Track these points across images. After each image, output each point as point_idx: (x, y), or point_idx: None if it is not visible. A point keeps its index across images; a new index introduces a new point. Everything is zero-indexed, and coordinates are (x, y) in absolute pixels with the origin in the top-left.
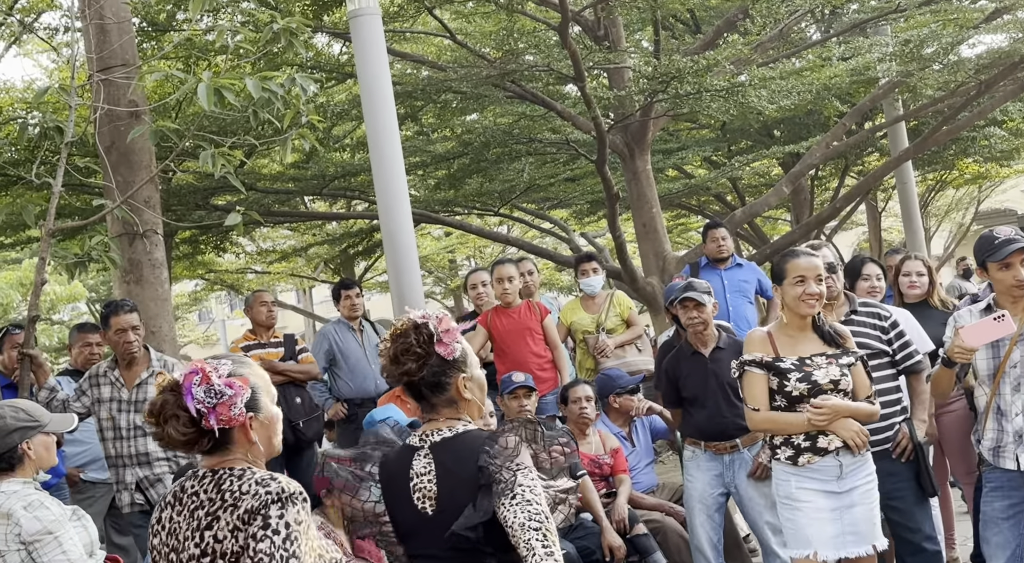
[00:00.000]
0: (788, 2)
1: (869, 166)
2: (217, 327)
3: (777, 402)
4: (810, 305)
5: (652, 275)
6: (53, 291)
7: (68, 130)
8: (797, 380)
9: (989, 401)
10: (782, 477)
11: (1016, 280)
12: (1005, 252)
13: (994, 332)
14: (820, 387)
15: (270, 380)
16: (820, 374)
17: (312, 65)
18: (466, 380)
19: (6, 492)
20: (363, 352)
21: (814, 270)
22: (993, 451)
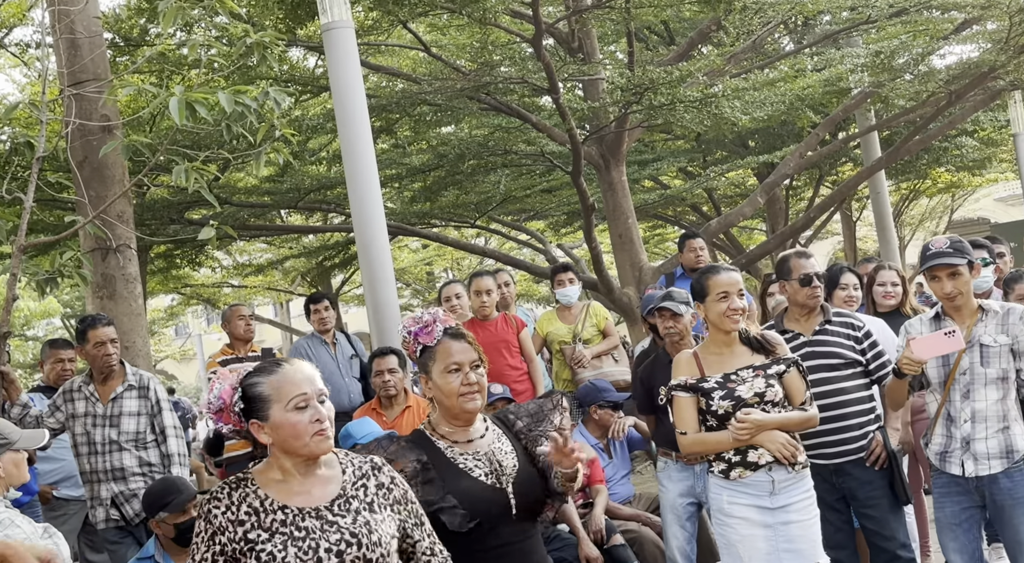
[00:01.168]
0: (761, 14)
1: (843, 176)
2: (194, 341)
3: (709, 422)
4: (734, 321)
5: (628, 286)
6: (27, 307)
7: (39, 145)
8: (721, 398)
9: (939, 407)
10: (715, 491)
11: (942, 292)
12: (928, 265)
13: (943, 347)
14: (744, 402)
15: (299, 384)
16: (744, 389)
17: (286, 78)
18: (425, 379)
19: None
20: (336, 366)
21: (736, 285)
22: (940, 456)
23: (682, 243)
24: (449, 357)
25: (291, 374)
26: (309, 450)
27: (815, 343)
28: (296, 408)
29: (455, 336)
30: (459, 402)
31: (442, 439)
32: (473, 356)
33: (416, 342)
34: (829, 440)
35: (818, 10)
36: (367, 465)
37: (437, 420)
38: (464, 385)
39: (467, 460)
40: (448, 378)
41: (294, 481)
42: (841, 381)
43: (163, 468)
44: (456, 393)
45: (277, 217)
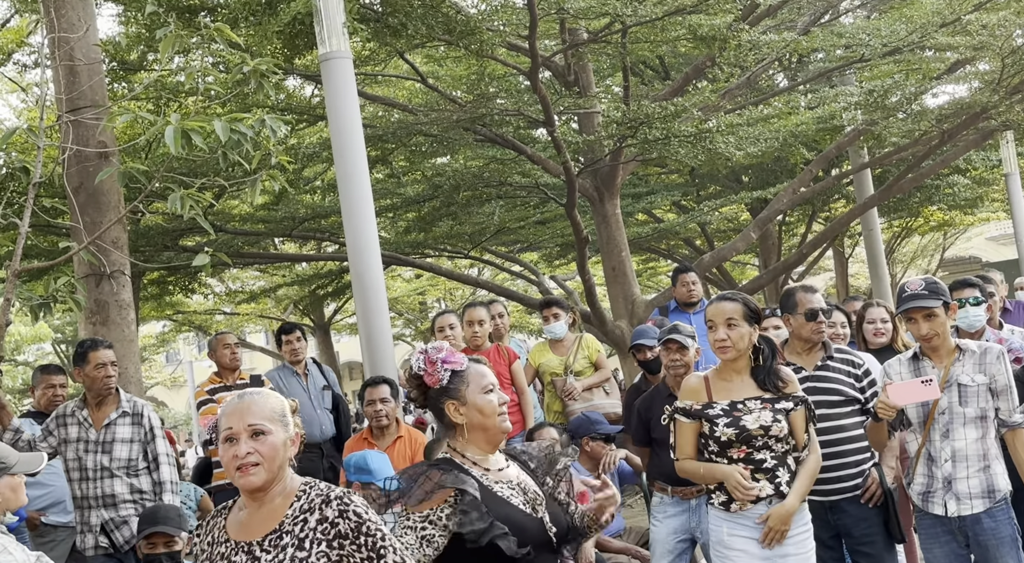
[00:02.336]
0: (755, 51)
1: (836, 212)
2: (184, 368)
3: (711, 448)
4: (722, 351)
5: (621, 318)
6: (18, 332)
7: (35, 171)
8: (726, 425)
9: (920, 447)
10: (715, 523)
11: (918, 334)
12: (904, 307)
13: (920, 394)
14: (749, 432)
15: (226, 419)
16: (749, 419)
17: (283, 107)
18: (456, 405)
19: None
20: (308, 397)
21: (721, 315)
22: (922, 496)
23: (675, 277)
24: (484, 378)
25: (231, 406)
26: (236, 485)
27: (816, 378)
28: (225, 440)
29: (478, 361)
30: (499, 420)
31: (474, 467)
32: (495, 378)
33: (443, 368)
34: (826, 476)
35: (812, 48)
36: (319, 498)
37: (464, 447)
38: (501, 404)
39: (503, 488)
40: (487, 397)
41: (244, 514)
42: (840, 418)
43: (154, 496)
44: (496, 412)
45: (271, 245)
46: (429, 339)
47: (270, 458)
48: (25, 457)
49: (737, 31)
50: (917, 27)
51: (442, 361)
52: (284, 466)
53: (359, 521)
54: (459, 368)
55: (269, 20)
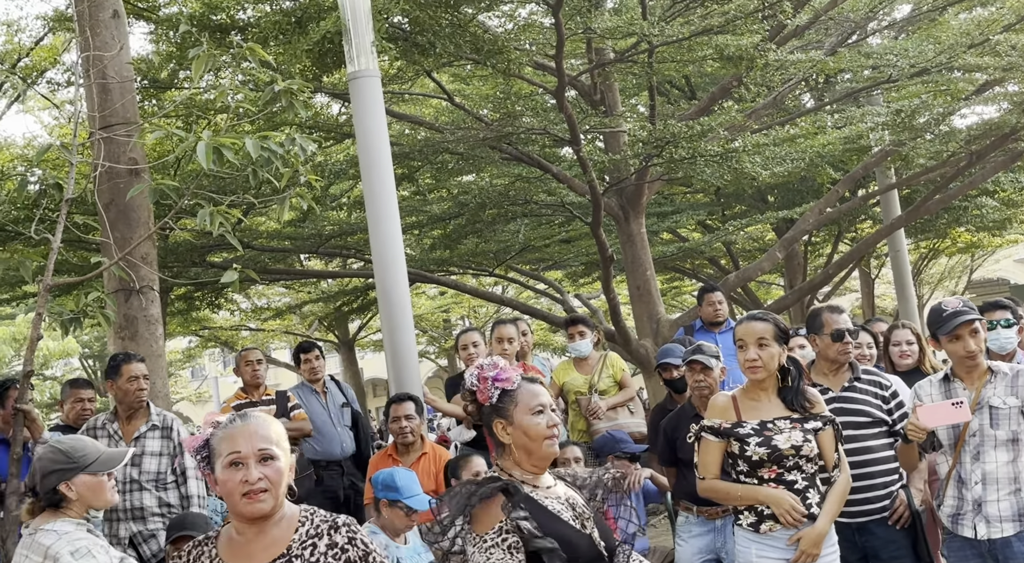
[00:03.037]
0: (782, 71)
1: (862, 233)
2: (210, 384)
3: (740, 467)
4: (752, 371)
5: (646, 337)
6: (46, 347)
7: (68, 187)
8: (757, 445)
9: (950, 469)
10: (743, 544)
11: (966, 351)
12: (952, 325)
13: (950, 417)
14: (780, 452)
15: (235, 443)
16: (781, 439)
17: (311, 125)
18: (504, 425)
19: (58, 532)
20: (327, 415)
21: (752, 335)
22: (952, 519)
23: (701, 296)
24: (535, 398)
25: (236, 429)
26: (239, 511)
27: (843, 399)
28: (230, 465)
29: (532, 380)
30: (545, 445)
31: (523, 485)
32: (551, 399)
33: (494, 386)
34: (853, 498)
35: (839, 69)
36: (326, 524)
37: (509, 467)
38: (550, 426)
39: (553, 503)
40: (535, 420)
41: (242, 541)
42: (867, 439)
43: (182, 509)
44: (543, 435)
45: (297, 261)
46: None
47: (277, 484)
48: (106, 455)
49: (764, 51)
50: (945, 48)
51: (493, 379)
52: (285, 491)
53: (366, 550)
54: (510, 387)
55: (299, 39)
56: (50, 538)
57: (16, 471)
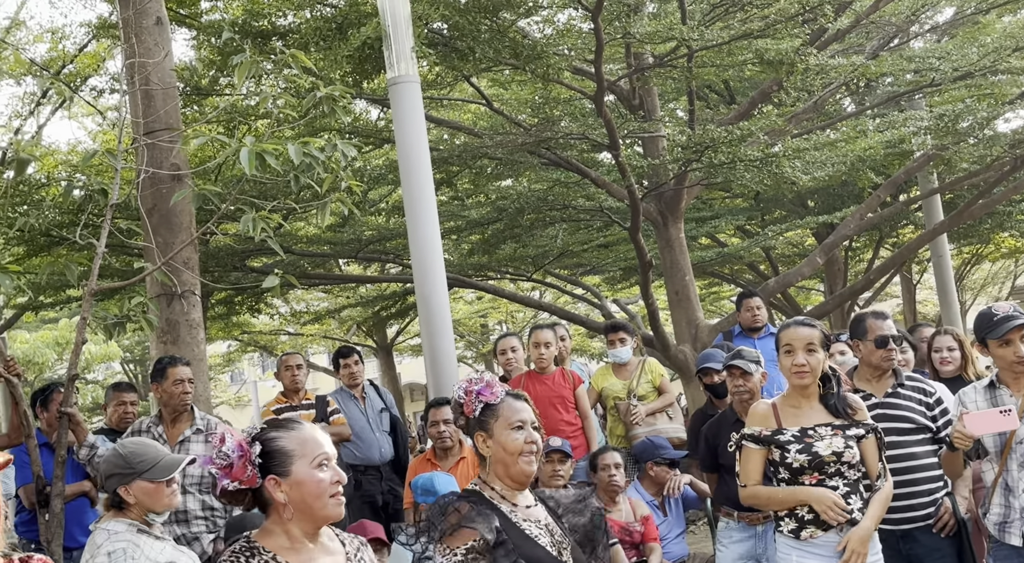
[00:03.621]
0: (823, 75)
1: (904, 238)
2: (249, 388)
3: (781, 475)
4: (799, 376)
5: (684, 343)
6: (88, 351)
7: (113, 193)
8: (797, 452)
9: (996, 477)
10: (784, 551)
11: (1017, 356)
12: (1003, 329)
13: (997, 424)
14: (821, 459)
15: (322, 444)
16: (821, 445)
17: (351, 130)
18: (484, 438)
19: (108, 531)
20: (366, 420)
21: (802, 340)
22: (999, 527)
23: (740, 302)
24: (514, 414)
25: (312, 432)
26: (325, 513)
27: (886, 405)
28: (319, 465)
29: (516, 397)
30: (519, 461)
31: (503, 501)
32: (533, 417)
33: (478, 400)
34: (897, 505)
35: (880, 73)
36: (356, 541)
37: (492, 480)
38: (528, 442)
39: (531, 527)
40: (513, 435)
41: (304, 549)
42: (911, 445)
43: (225, 512)
44: (519, 451)
45: (336, 266)
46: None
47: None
48: (164, 461)
49: (804, 55)
50: (989, 51)
51: (477, 393)
52: None
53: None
54: (492, 402)
55: (339, 45)
56: (101, 537)
57: (60, 473)
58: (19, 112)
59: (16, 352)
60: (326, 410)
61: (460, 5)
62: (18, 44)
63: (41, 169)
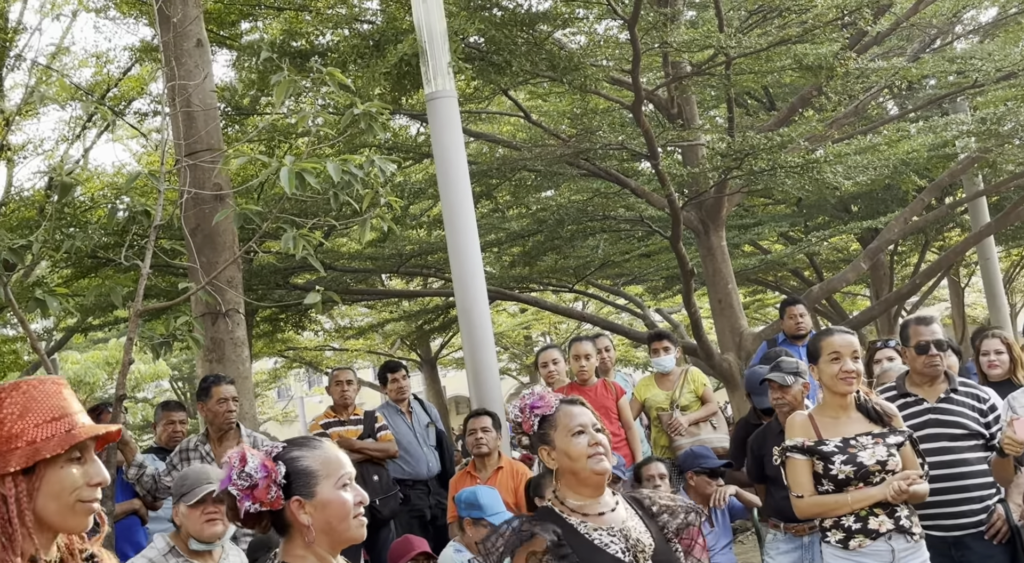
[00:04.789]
0: (863, 79)
1: (950, 241)
2: (296, 404)
3: (824, 486)
4: (848, 383)
5: (728, 351)
6: (138, 370)
7: (156, 214)
8: (842, 463)
9: None
10: (831, 561)
11: None
12: None
13: None
14: (867, 469)
15: (344, 463)
16: (865, 455)
17: (390, 146)
18: (548, 450)
19: (151, 545)
20: (413, 435)
21: (849, 347)
22: None
23: (783, 310)
24: (572, 419)
25: (334, 450)
26: (350, 535)
27: (939, 410)
28: (343, 486)
29: (572, 402)
30: (588, 464)
31: (573, 514)
32: (593, 418)
33: (533, 414)
34: (948, 511)
35: (922, 75)
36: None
37: (564, 493)
38: (592, 445)
39: (601, 535)
40: (574, 441)
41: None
42: (963, 451)
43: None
44: (585, 455)
45: (378, 281)
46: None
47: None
48: (202, 487)
49: (844, 60)
50: None
51: (530, 407)
52: None
53: None
54: (548, 413)
55: (377, 62)
56: (140, 554)
57: (110, 493)
58: (66, 136)
59: (67, 373)
60: (374, 426)
61: (496, 19)
62: (64, 69)
63: (87, 191)
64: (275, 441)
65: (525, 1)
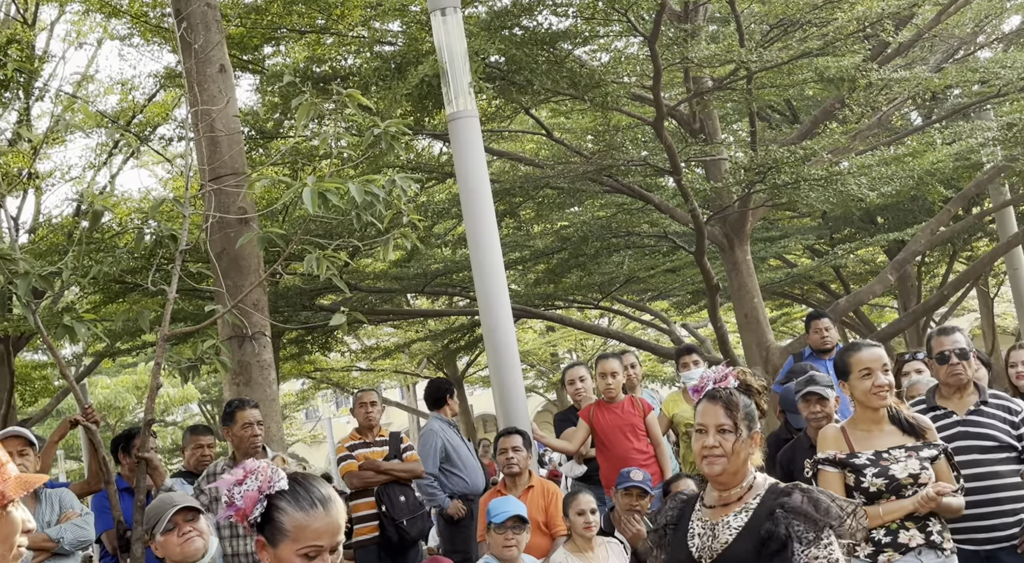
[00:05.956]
0: (886, 90)
1: (978, 252)
2: (324, 425)
3: (855, 499)
4: (880, 397)
5: (755, 366)
6: (167, 394)
7: (182, 238)
8: (874, 476)
9: None
10: None
11: None
12: None
13: None
14: (899, 482)
15: (324, 535)
16: (898, 468)
17: (413, 166)
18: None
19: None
20: (468, 449)
21: (879, 361)
22: None
23: (808, 323)
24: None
25: (319, 519)
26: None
27: (969, 422)
28: (304, 557)
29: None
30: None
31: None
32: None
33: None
34: (981, 524)
35: (945, 85)
36: None
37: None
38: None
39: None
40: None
41: None
42: (994, 464)
43: None
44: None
45: (404, 301)
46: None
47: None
48: (168, 512)
49: (866, 71)
50: None
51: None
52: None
53: None
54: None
55: (398, 84)
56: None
57: (140, 518)
58: (92, 163)
59: (97, 397)
60: (399, 446)
61: (516, 38)
62: (90, 97)
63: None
64: (303, 462)
65: (545, 20)
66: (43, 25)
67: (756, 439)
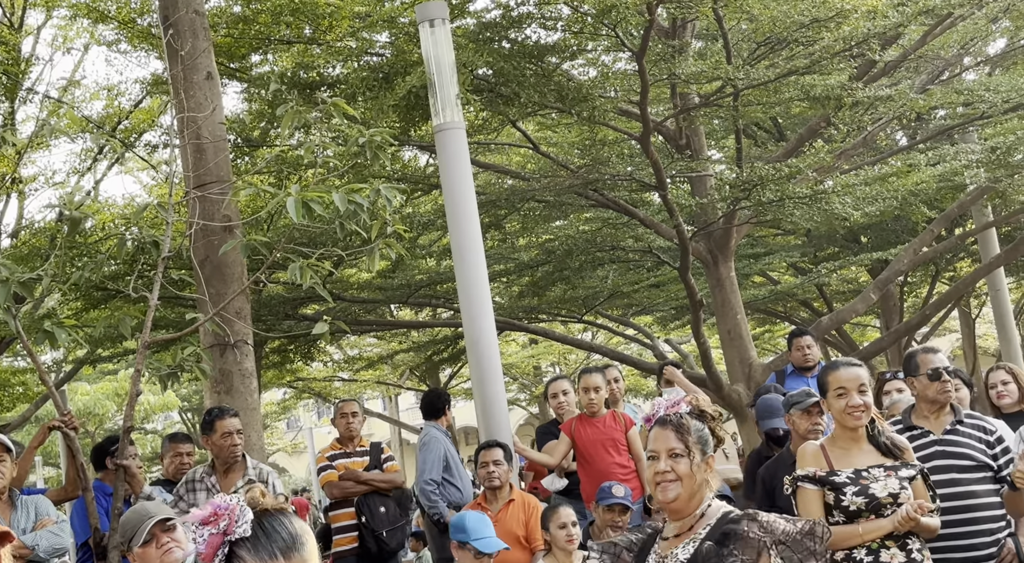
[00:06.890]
0: (871, 110)
1: (960, 272)
2: (305, 435)
3: (835, 518)
4: (855, 417)
5: (738, 382)
6: (147, 401)
7: (165, 245)
8: (854, 494)
9: None
10: None
11: None
12: None
13: None
14: (879, 501)
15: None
16: (878, 487)
17: (399, 177)
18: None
19: None
20: (460, 459)
21: (856, 381)
22: None
23: (790, 341)
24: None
25: (309, 548)
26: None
27: (945, 442)
28: None
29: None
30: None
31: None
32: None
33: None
34: (958, 544)
35: (930, 106)
36: None
37: None
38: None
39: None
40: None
41: None
42: (971, 484)
43: None
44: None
45: (387, 312)
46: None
47: None
48: (146, 523)
49: (852, 90)
50: None
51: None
52: None
53: None
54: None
55: (386, 94)
56: None
57: (116, 525)
58: (77, 168)
59: (77, 404)
60: (379, 457)
61: (504, 51)
62: (75, 102)
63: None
64: (284, 472)
65: (533, 33)
66: (30, 29)
67: (711, 464)
